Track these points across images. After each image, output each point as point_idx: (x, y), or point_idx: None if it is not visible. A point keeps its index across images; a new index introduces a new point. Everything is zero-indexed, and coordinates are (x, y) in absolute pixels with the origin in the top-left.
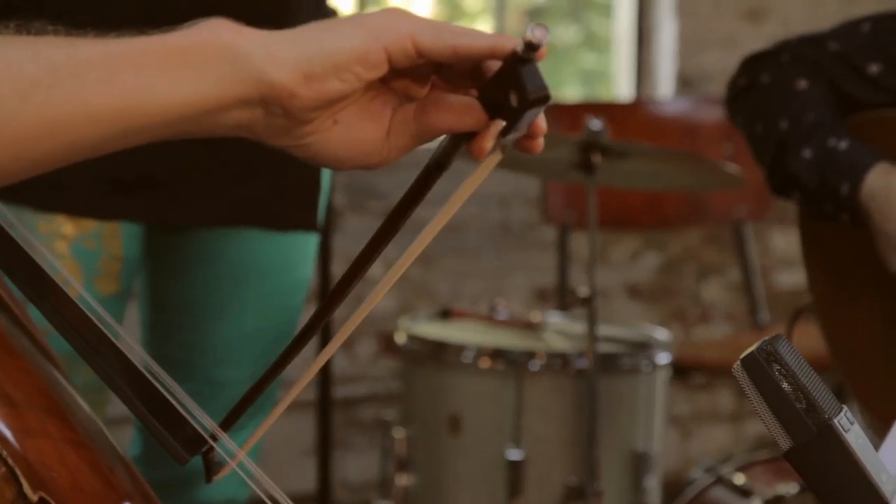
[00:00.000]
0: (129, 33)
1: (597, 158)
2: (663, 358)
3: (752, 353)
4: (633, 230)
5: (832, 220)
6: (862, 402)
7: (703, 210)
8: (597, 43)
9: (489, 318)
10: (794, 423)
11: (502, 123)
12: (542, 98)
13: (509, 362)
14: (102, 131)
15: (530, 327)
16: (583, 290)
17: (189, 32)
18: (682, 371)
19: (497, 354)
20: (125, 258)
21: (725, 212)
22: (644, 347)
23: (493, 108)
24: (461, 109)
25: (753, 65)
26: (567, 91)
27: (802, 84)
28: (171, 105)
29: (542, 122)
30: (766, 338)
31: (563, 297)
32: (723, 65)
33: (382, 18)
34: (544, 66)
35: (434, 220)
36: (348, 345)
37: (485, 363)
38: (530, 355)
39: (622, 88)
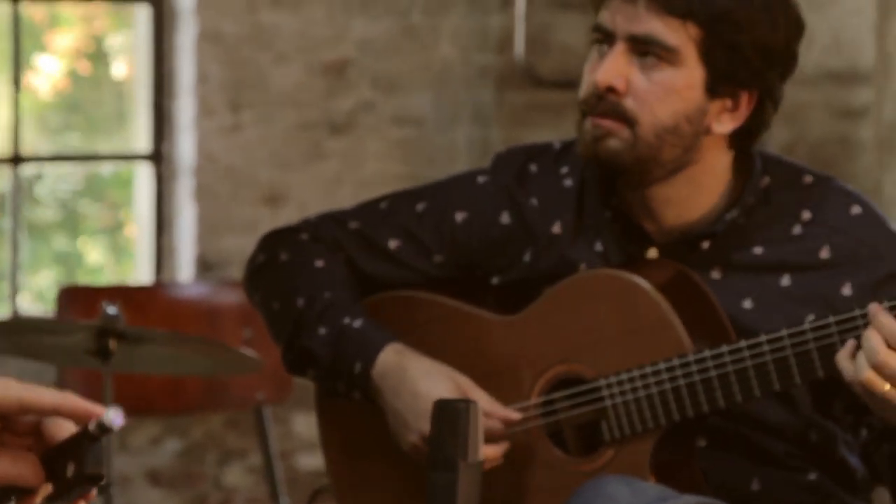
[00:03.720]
0: None
1: (113, 344)
2: None
3: None
4: (153, 415)
5: (345, 398)
6: None
7: (224, 394)
8: (75, 223)
9: None
10: None
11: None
12: (97, 477)
13: None
14: None
15: None
16: None
17: None
18: None
19: None
20: None
21: (246, 396)
22: None
23: (51, 472)
24: (22, 465)
25: (272, 242)
26: (43, 274)
27: (320, 263)
28: None
29: (92, 495)
30: None
31: None
32: (242, 249)
33: None
34: None
35: None
36: None
37: None
38: None
39: (141, 273)
